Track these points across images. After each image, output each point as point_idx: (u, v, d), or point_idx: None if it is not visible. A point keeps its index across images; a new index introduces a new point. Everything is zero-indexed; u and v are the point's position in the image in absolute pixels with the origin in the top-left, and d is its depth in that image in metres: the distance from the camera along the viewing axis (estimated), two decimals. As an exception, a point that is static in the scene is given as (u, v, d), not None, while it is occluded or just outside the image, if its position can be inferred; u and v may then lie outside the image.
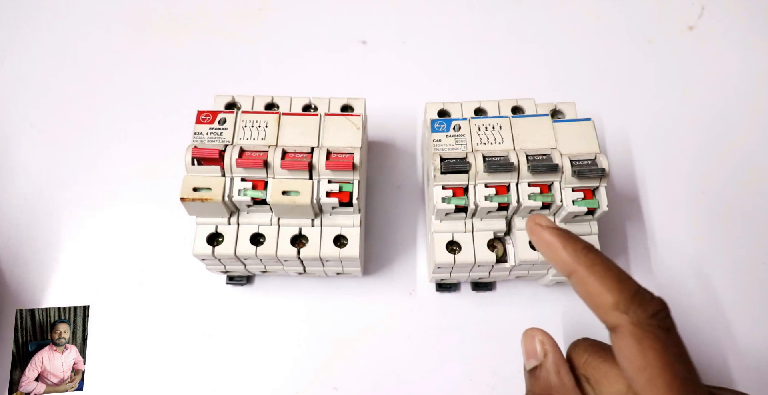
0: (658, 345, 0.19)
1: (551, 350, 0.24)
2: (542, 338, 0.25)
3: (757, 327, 0.33)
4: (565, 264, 0.22)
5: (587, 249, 0.22)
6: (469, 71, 0.41)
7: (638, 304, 0.20)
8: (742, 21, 0.43)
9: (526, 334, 0.25)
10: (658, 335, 0.20)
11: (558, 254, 0.23)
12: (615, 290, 0.21)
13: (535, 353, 0.25)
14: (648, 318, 0.20)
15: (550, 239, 0.23)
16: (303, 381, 0.31)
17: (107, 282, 0.34)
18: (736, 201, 0.36)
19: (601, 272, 0.21)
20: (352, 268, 0.31)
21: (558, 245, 0.22)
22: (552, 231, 0.23)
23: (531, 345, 0.25)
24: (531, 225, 0.24)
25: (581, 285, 0.22)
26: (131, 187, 0.36)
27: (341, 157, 0.28)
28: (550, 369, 0.24)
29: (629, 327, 0.20)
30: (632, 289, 0.21)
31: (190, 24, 0.43)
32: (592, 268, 0.21)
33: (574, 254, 0.22)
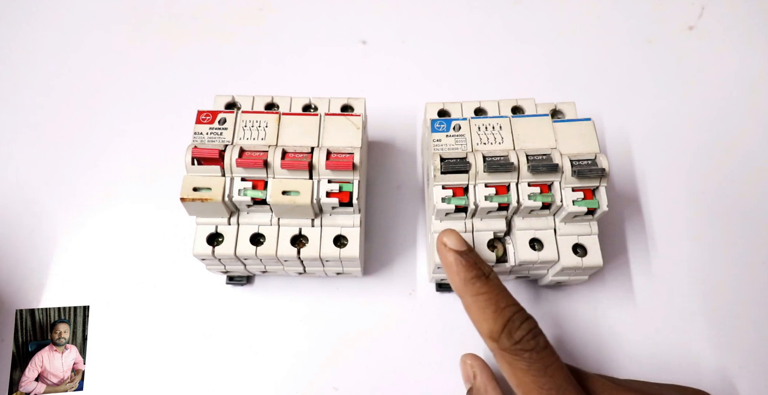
0: (524, 365, 0.23)
1: (479, 371, 0.28)
2: (471, 362, 0.28)
3: (758, 327, 0.33)
4: (456, 290, 0.25)
5: (476, 279, 0.24)
6: (469, 71, 0.41)
7: (506, 333, 0.23)
8: (742, 21, 0.43)
9: (461, 360, 0.29)
10: (523, 356, 0.23)
11: (452, 279, 0.25)
12: (490, 320, 0.23)
13: (468, 376, 0.28)
14: (513, 345, 0.23)
15: (449, 262, 0.25)
16: (303, 381, 0.31)
17: (107, 282, 0.34)
18: (736, 201, 0.36)
19: (483, 302, 0.24)
20: (352, 268, 0.31)
21: (453, 270, 0.25)
22: (453, 254, 0.25)
23: (464, 369, 0.29)
24: (438, 243, 0.26)
25: (467, 311, 0.25)
26: (131, 186, 0.36)
27: (341, 157, 0.28)
28: (480, 388, 0.27)
29: (499, 353, 0.23)
30: (505, 318, 0.23)
31: (190, 24, 0.43)
32: (476, 298, 0.24)
33: (462, 283, 0.24)
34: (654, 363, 0.32)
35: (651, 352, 0.32)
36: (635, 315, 0.33)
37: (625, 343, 0.32)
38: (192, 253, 0.28)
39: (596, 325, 0.33)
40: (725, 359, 0.32)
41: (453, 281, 0.25)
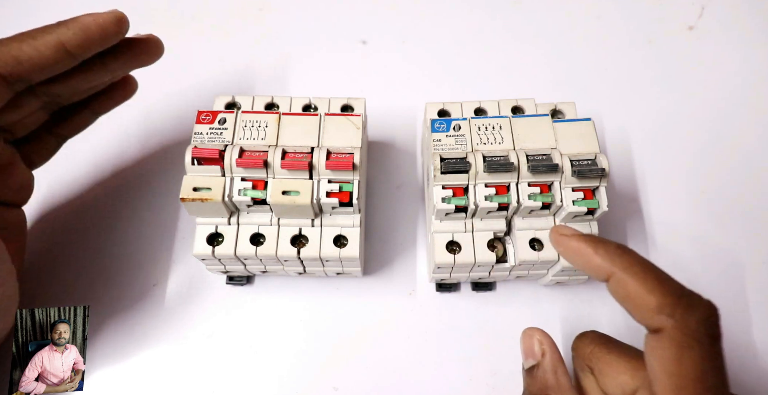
0: (698, 356, 0.18)
1: (549, 350, 0.24)
2: (540, 337, 0.25)
3: (758, 328, 0.33)
4: (600, 269, 0.21)
5: (621, 250, 0.21)
6: (469, 71, 0.41)
7: (685, 308, 0.19)
8: (742, 21, 0.43)
9: (525, 334, 0.25)
10: (702, 344, 0.18)
11: (590, 260, 0.21)
12: (658, 292, 0.19)
13: (533, 352, 0.25)
14: (696, 325, 0.19)
15: (578, 246, 0.22)
16: (303, 381, 0.31)
17: (107, 282, 0.34)
18: (736, 201, 0.36)
19: (641, 273, 0.20)
20: (352, 268, 0.31)
21: (589, 250, 0.21)
22: (579, 238, 0.22)
23: (529, 345, 0.25)
24: (555, 237, 0.23)
25: (620, 287, 0.20)
26: (131, 186, 0.36)
27: (341, 157, 0.28)
28: (547, 369, 0.24)
29: (673, 332, 0.19)
30: (677, 291, 0.19)
31: (190, 24, 0.43)
32: (631, 269, 0.20)
33: (608, 257, 0.21)
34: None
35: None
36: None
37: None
38: (192, 253, 0.28)
39: (596, 325, 0.33)
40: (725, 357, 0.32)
41: (593, 262, 0.21)
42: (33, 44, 0.24)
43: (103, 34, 0.25)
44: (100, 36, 0.25)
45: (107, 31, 0.26)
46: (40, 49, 0.24)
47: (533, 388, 0.24)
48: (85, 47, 0.25)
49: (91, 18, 0.25)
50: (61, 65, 0.26)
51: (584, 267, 0.22)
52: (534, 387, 0.24)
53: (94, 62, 0.27)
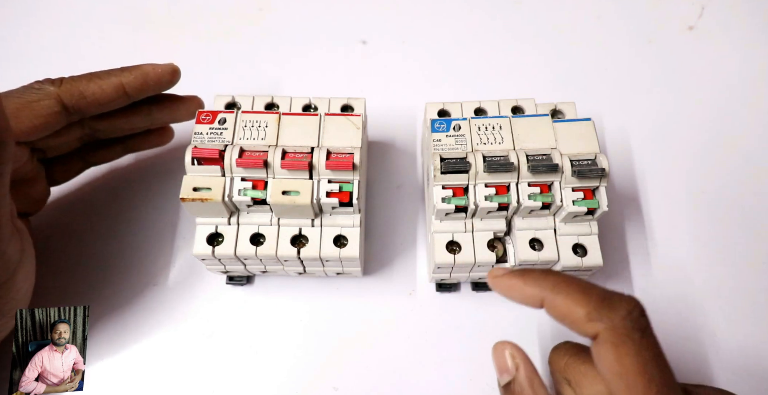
0: (633, 350, 0.19)
1: (522, 363, 0.24)
2: (512, 351, 0.25)
3: (758, 327, 0.32)
4: (533, 297, 0.22)
5: (545, 275, 0.22)
6: (469, 71, 0.41)
7: (609, 308, 0.20)
8: (742, 21, 0.43)
9: (496, 348, 0.25)
10: (633, 338, 0.20)
11: (523, 290, 0.23)
12: (582, 301, 0.21)
13: (506, 367, 0.25)
14: (621, 320, 0.20)
15: (509, 282, 0.23)
16: (303, 381, 0.31)
17: (107, 282, 0.34)
18: (736, 201, 0.36)
19: (566, 289, 0.21)
20: (352, 268, 0.31)
21: (519, 283, 0.23)
22: (509, 275, 0.23)
23: (502, 360, 0.25)
24: (490, 280, 0.24)
25: (552, 308, 0.22)
26: (131, 186, 0.36)
27: (341, 157, 0.28)
28: (523, 383, 0.24)
29: (605, 334, 0.20)
30: (599, 296, 0.21)
31: (190, 24, 0.43)
32: (556, 288, 0.21)
33: (535, 283, 0.22)
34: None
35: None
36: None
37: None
38: (192, 253, 0.28)
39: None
40: (726, 359, 0.32)
41: (525, 293, 0.22)
42: (99, 83, 0.28)
43: (159, 82, 0.29)
44: (156, 83, 0.29)
45: (162, 80, 0.29)
46: (104, 88, 0.28)
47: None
48: (141, 91, 0.29)
49: (151, 67, 0.29)
50: (116, 104, 0.29)
51: (521, 300, 0.23)
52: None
53: (141, 108, 0.31)
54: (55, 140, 0.30)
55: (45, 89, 0.27)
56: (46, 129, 0.28)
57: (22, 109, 0.27)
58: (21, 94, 0.27)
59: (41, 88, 0.28)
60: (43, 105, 0.27)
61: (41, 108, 0.27)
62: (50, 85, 0.28)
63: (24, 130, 0.27)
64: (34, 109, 0.27)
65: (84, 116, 0.29)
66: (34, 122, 0.27)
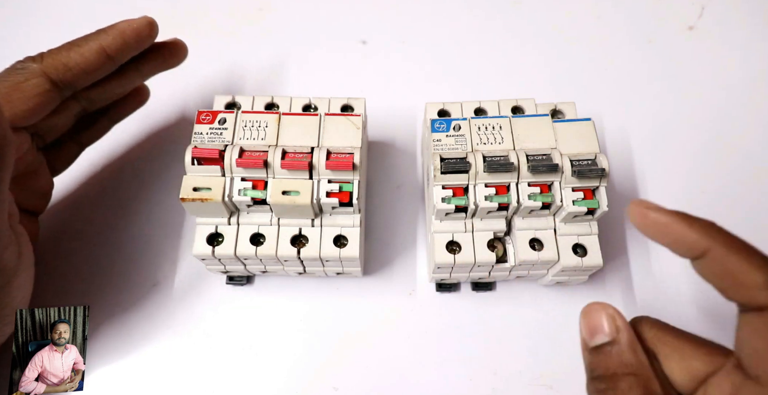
0: None
1: (624, 327, 0.22)
2: (613, 313, 0.22)
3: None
4: (696, 245, 0.20)
5: (719, 227, 0.20)
6: (469, 71, 0.41)
7: None
8: (742, 21, 0.43)
9: (591, 309, 0.23)
10: None
11: (684, 235, 0.20)
12: (765, 268, 0.19)
13: (602, 329, 0.22)
14: None
15: (667, 221, 0.21)
16: (303, 381, 0.31)
17: (107, 282, 0.34)
18: (736, 201, 0.36)
19: (744, 250, 0.19)
20: (352, 268, 0.31)
21: (682, 224, 0.21)
22: (666, 212, 0.21)
23: (597, 321, 0.23)
24: (637, 211, 0.21)
25: (718, 264, 0.20)
26: (131, 186, 0.36)
27: (341, 157, 0.28)
28: (625, 347, 0.22)
29: None
30: None
31: (190, 24, 0.43)
32: (733, 246, 0.20)
33: (705, 232, 0.20)
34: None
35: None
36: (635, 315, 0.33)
37: None
38: (192, 253, 0.28)
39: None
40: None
41: (687, 237, 0.20)
42: (79, 51, 0.27)
43: (138, 38, 0.28)
44: (135, 39, 0.28)
45: (141, 35, 0.29)
46: (86, 55, 0.27)
47: (609, 365, 0.22)
48: (123, 51, 0.28)
49: (126, 23, 0.28)
50: (103, 70, 0.28)
51: (672, 243, 0.21)
52: (610, 365, 0.22)
53: (129, 67, 0.30)
54: (53, 120, 0.29)
55: (29, 67, 0.27)
56: (42, 109, 0.27)
57: (12, 92, 0.26)
58: (6, 77, 0.27)
59: (24, 67, 0.27)
60: (32, 84, 0.26)
61: (31, 88, 0.26)
62: (32, 62, 0.27)
63: (20, 114, 0.26)
64: (24, 91, 0.26)
65: (76, 89, 0.28)
66: (28, 104, 0.26)
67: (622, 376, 0.21)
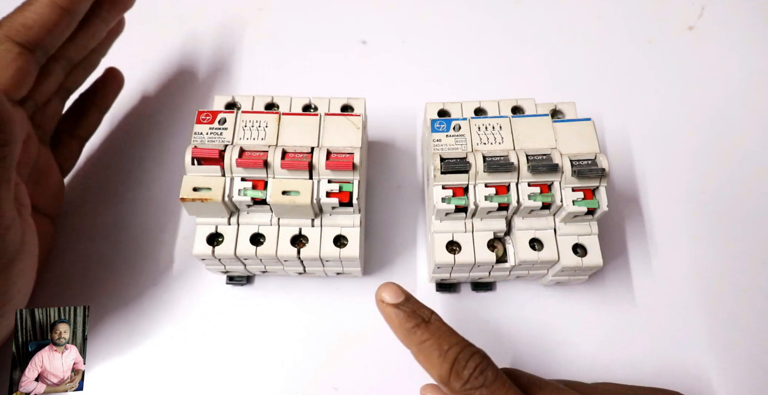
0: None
1: None
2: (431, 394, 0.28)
3: (758, 327, 0.33)
4: (402, 342, 0.25)
5: (416, 328, 0.24)
6: (469, 71, 0.41)
7: (454, 375, 0.23)
8: (742, 21, 0.43)
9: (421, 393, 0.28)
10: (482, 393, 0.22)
11: (396, 332, 0.25)
12: (437, 365, 0.23)
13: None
14: (462, 386, 0.23)
15: (389, 316, 0.25)
16: (303, 381, 0.31)
17: (107, 282, 0.34)
18: (736, 201, 0.36)
19: (428, 349, 0.24)
20: (352, 268, 0.31)
21: (395, 324, 0.25)
22: (392, 309, 0.25)
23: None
24: (377, 300, 0.26)
25: (417, 360, 0.24)
26: (131, 186, 0.36)
27: (341, 157, 0.28)
28: None
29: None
30: (450, 360, 0.23)
31: (190, 24, 0.43)
32: (421, 346, 0.24)
33: (405, 334, 0.24)
34: (653, 364, 0.32)
35: (651, 353, 0.32)
36: (635, 315, 0.33)
37: (625, 343, 0.32)
38: (192, 253, 0.28)
39: (596, 325, 0.33)
40: (726, 359, 0.32)
41: (397, 334, 0.25)
42: (31, 10, 0.28)
43: None
44: None
45: None
46: (39, 11, 0.28)
47: None
48: (72, 1, 0.29)
49: None
50: (64, 23, 0.29)
51: (394, 333, 0.25)
52: None
53: (89, 17, 0.31)
54: (43, 88, 0.30)
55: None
56: (24, 75, 0.28)
57: None
58: None
59: None
60: (2, 51, 0.27)
61: (3, 54, 0.27)
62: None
63: (6, 83, 0.27)
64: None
65: (47, 50, 0.29)
66: (9, 72, 0.27)
67: None
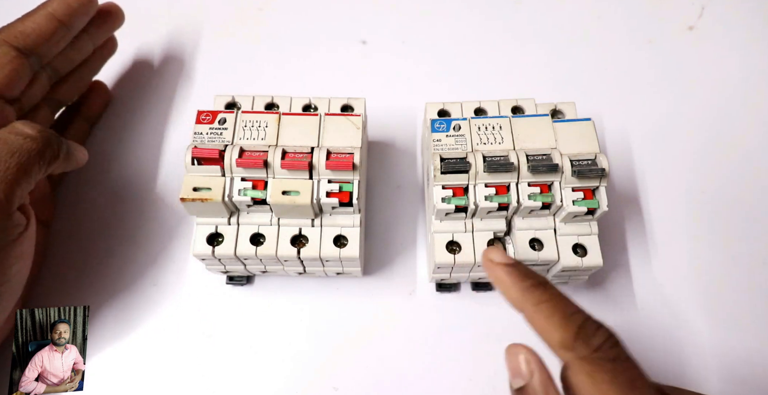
0: (608, 377, 0.20)
1: (537, 369, 0.23)
2: (527, 356, 0.24)
3: (758, 327, 0.33)
4: (515, 302, 0.23)
5: (534, 287, 0.23)
6: (469, 71, 0.41)
7: (582, 340, 0.21)
8: (742, 21, 0.43)
9: (510, 351, 0.24)
10: (606, 367, 0.20)
11: (507, 293, 0.23)
12: (560, 327, 0.21)
13: (520, 371, 0.24)
14: (592, 353, 0.21)
15: (500, 276, 0.24)
16: (303, 381, 0.31)
17: (107, 282, 0.34)
18: (736, 201, 0.36)
19: (548, 310, 0.22)
20: (352, 268, 0.31)
21: (508, 283, 0.23)
22: (503, 268, 0.24)
23: (515, 363, 0.24)
24: (484, 261, 0.25)
25: (530, 322, 0.22)
26: (131, 186, 0.36)
27: (341, 157, 0.28)
28: (536, 389, 0.23)
29: (577, 363, 0.21)
30: (576, 325, 0.21)
31: (190, 24, 0.43)
32: (539, 306, 0.22)
33: (521, 293, 0.23)
34: (654, 364, 0.32)
35: (651, 353, 0.32)
36: (635, 315, 0.33)
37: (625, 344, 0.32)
38: (192, 253, 0.28)
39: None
40: (726, 359, 0.32)
41: (509, 294, 0.23)
42: (31, 19, 0.30)
43: (80, 1, 0.32)
44: (78, 3, 0.31)
45: None
46: (37, 21, 0.30)
47: None
48: (69, 14, 0.31)
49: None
50: (59, 35, 0.31)
51: (503, 296, 0.24)
52: None
53: (81, 34, 0.34)
54: (27, 93, 0.32)
55: None
56: (17, 76, 0.29)
57: None
58: None
59: None
60: (0, 53, 0.29)
61: (0, 56, 0.29)
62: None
63: (2, 81, 0.29)
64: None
65: (41, 57, 0.31)
66: (4, 72, 0.29)
67: None
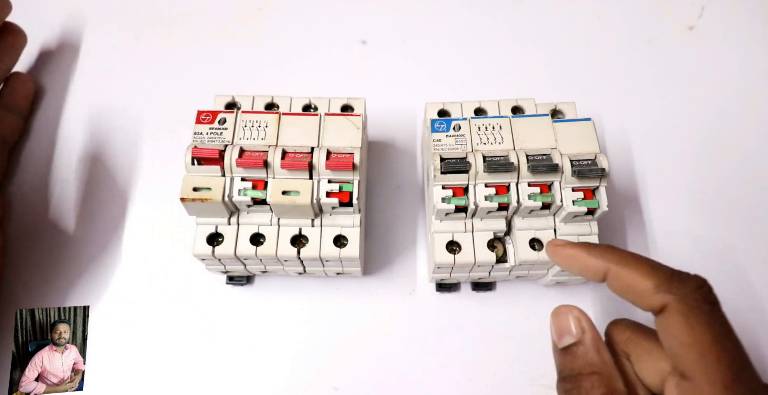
0: (706, 320, 0.19)
1: (588, 328, 0.24)
2: (578, 315, 0.24)
3: (758, 327, 0.33)
4: (596, 268, 0.23)
5: (611, 248, 0.23)
6: (469, 71, 0.41)
7: (679, 281, 0.20)
8: (742, 21, 0.43)
9: (559, 311, 0.25)
10: (704, 310, 0.20)
11: (586, 262, 0.23)
12: (652, 275, 0.21)
13: (569, 330, 0.24)
14: (692, 292, 0.20)
15: (572, 252, 0.24)
16: (303, 381, 0.31)
17: (107, 283, 0.34)
18: (737, 200, 0.36)
19: (633, 263, 0.22)
20: (352, 268, 0.31)
21: (582, 254, 0.23)
22: (571, 245, 0.24)
23: (565, 322, 0.24)
24: (550, 249, 0.25)
25: (617, 280, 0.22)
26: (131, 186, 0.36)
27: (341, 157, 0.28)
28: (589, 347, 0.23)
29: (675, 305, 0.20)
30: (668, 271, 0.21)
31: (189, 24, 0.42)
32: (622, 261, 0.22)
33: (600, 256, 0.23)
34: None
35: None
36: (635, 314, 0.33)
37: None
38: (192, 253, 0.28)
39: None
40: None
41: (588, 264, 0.23)
42: None
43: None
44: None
45: None
46: None
47: (574, 366, 0.23)
48: None
49: None
50: None
51: (581, 270, 0.24)
52: (575, 365, 0.23)
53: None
54: None
55: None
56: None
57: None
58: None
59: None
60: None
61: None
62: None
63: None
64: None
65: None
66: None
67: (586, 375, 0.22)
